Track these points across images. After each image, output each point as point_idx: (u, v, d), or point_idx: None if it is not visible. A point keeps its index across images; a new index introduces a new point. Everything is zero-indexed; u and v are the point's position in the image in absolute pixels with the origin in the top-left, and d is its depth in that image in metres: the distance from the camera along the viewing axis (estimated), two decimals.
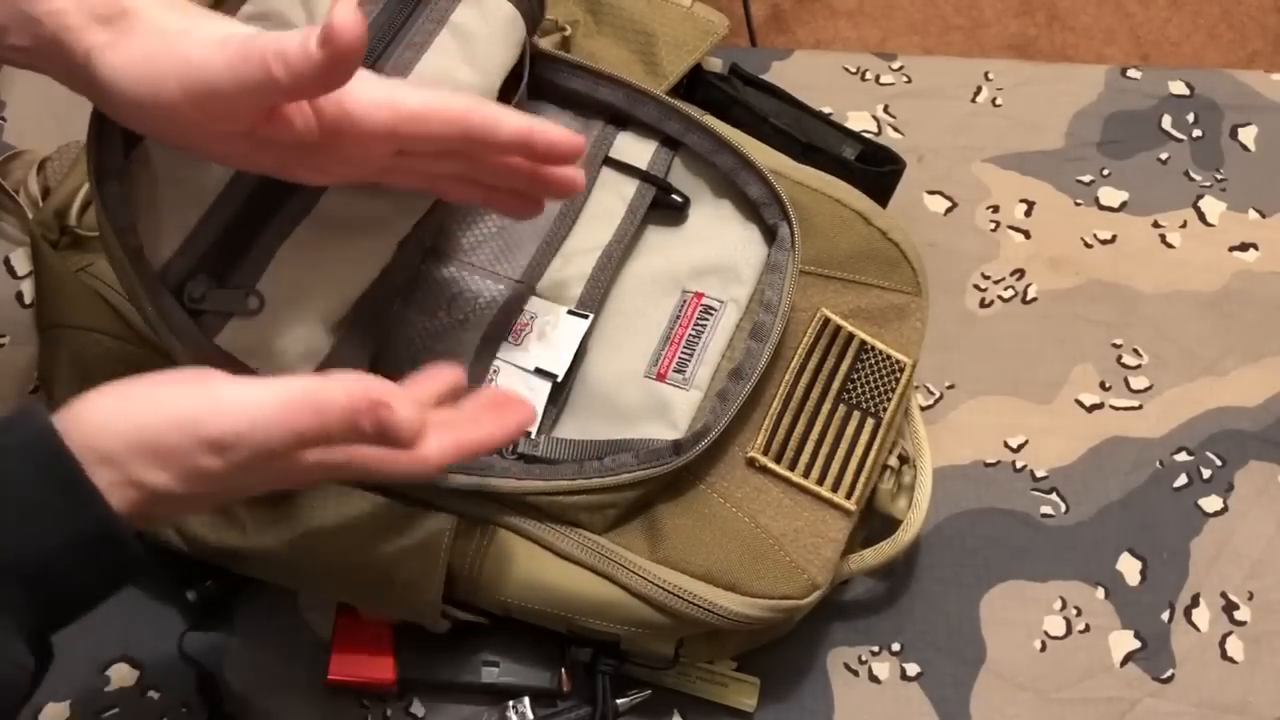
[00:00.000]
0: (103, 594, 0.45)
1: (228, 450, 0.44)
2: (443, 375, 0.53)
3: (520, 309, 0.64)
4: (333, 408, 0.44)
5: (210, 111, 0.46)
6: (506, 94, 0.62)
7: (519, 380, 0.62)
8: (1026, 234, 0.81)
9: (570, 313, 0.64)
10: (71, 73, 0.47)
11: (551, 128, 0.52)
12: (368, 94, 0.49)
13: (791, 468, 0.62)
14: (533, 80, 0.67)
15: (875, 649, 0.70)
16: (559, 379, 0.62)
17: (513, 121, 0.52)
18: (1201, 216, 0.83)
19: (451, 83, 0.58)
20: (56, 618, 0.45)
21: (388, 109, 0.49)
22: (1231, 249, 0.82)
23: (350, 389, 0.45)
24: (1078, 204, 0.83)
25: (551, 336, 0.63)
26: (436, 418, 0.49)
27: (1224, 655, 0.71)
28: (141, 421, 0.44)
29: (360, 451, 0.47)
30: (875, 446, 0.64)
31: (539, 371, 0.62)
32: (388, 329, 0.62)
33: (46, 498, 0.42)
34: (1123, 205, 0.83)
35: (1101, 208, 0.83)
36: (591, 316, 0.64)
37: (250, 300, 0.55)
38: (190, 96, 0.45)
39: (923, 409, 0.75)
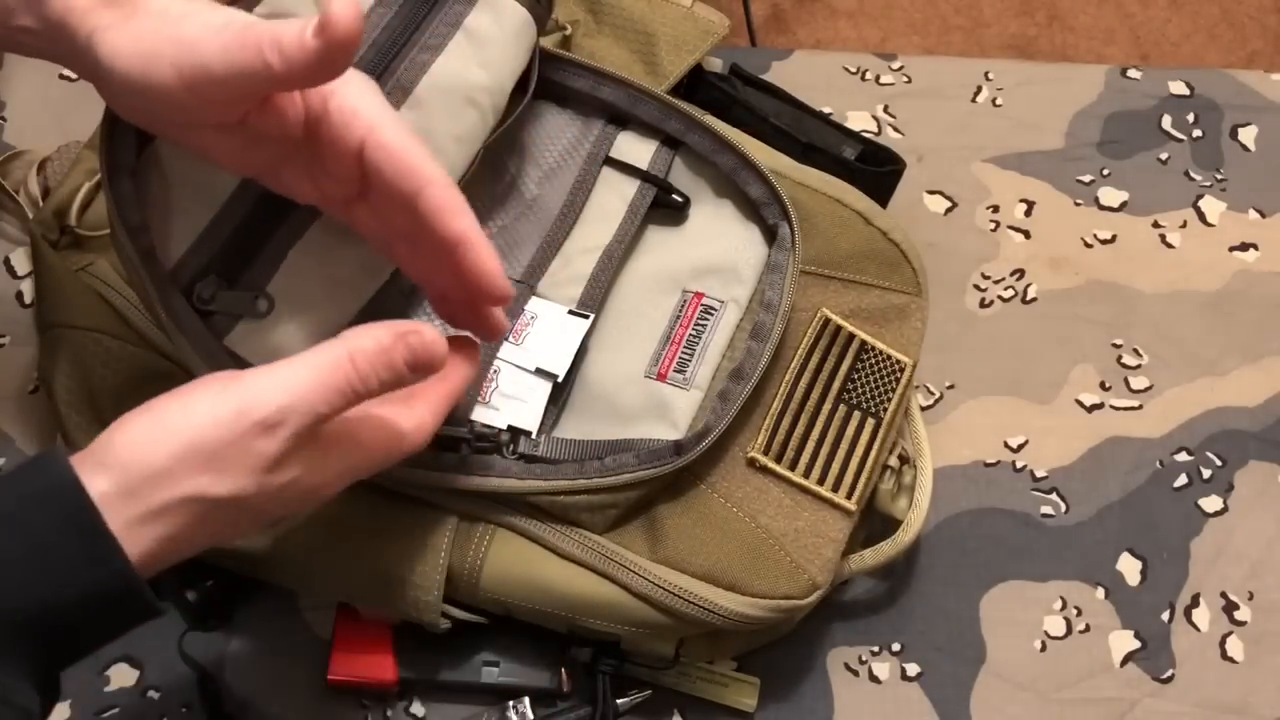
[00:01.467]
0: (112, 638, 0.45)
1: (278, 428, 0.44)
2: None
3: (521, 309, 0.64)
4: (363, 354, 0.45)
5: (203, 96, 0.46)
6: (512, 100, 0.62)
7: (519, 380, 0.62)
8: (1026, 234, 0.81)
9: (571, 313, 0.64)
10: (75, 54, 0.47)
11: (489, 259, 0.50)
12: (355, 104, 0.49)
13: (792, 468, 0.62)
14: (536, 79, 0.67)
15: (875, 649, 0.70)
16: (559, 379, 0.62)
17: (457, 223, 0.49)
18: (1201, 216, 0.83)
19: (464, 84, 0.59)
20: (65, 660, 0.45)
21: (365, 128, 0.49)
22: (1231, 249, 0.82)
23: (372, 331, 0.46)
24: (1078, 204, 0.83)
25: (552, 336, 0.63)
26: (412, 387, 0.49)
27: (1224, 655, 0.71)
28: (184, 430, 0.43)
29: (372, 435, 0.49)
30: (875, 446, 0.64)
31: (539, 371, 0.62)
32: None
33: (66, 550, 0.42)
34: (1123, 205, 0.83)
35: (1101, 208, 0.83)
36: (592, 316, 0.64)
37: (260, 302, 0.55)
38: (184, 79, 0.45)
39: (923, 409, 0.76)
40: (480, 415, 0.61)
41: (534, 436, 0.61)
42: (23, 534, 0.41)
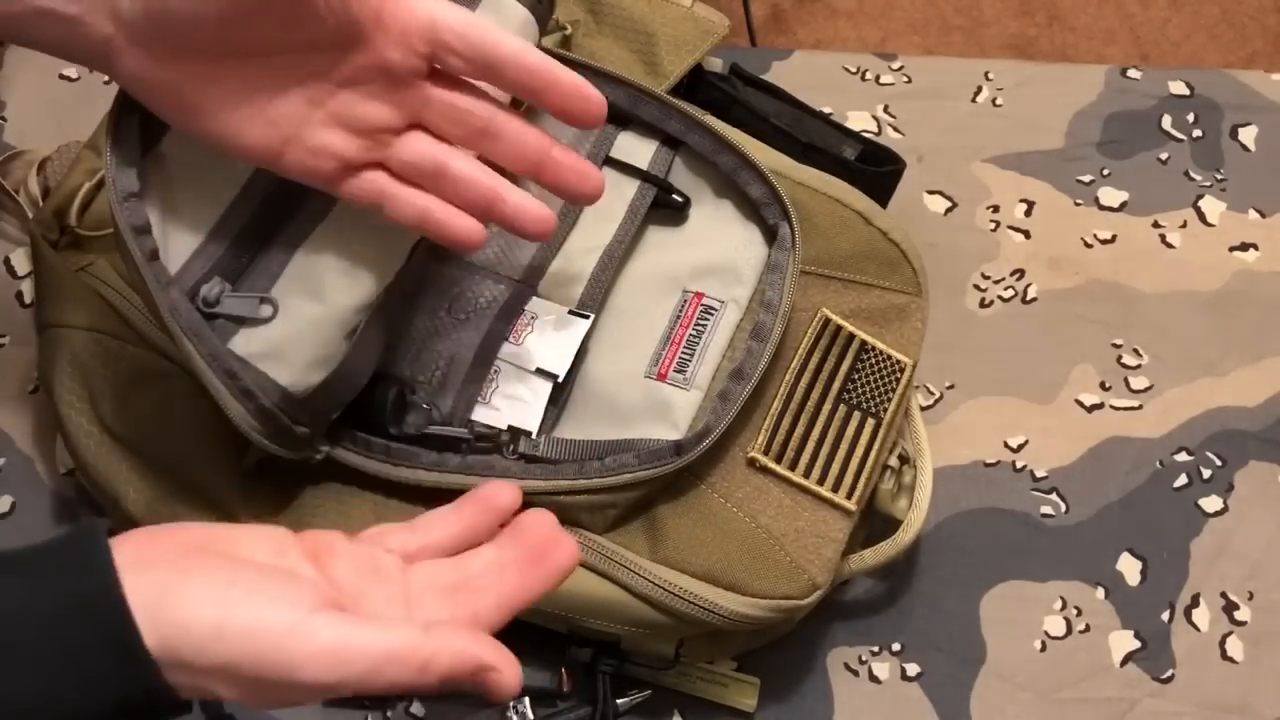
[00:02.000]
0: None
1: (315, 692, 0.42)
2: (498, 498, 0.50)
3: (521, 309, 0.64)
4: (436, 669, 0.43)
5: None
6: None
7: (519, 380, 0.62)
8: (1026, 234, 0.81)
9: (571, 313, 0.64)
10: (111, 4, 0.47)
11: (574, 76, 0.52)
12: None
13: (792, 468, 0.62)
14: None
15: (875, 649, 0.70)
16: (559, 379, 0.62)
17: (536, 57, 0.51)
18: (1201, 216, 0.83)
19: None
20: None
21: (429, 8, 0.50)
22: (1231, 249, 0.82)
23: (458, 654, 0.43)
24: (1078, 204, 0.83)
25: (552, 336, 0.63)
26: (481, 579, 0.47)
27: (1224, 655, 0.71)
28: (235, 651, 0.40)
29: None
30: (875, 446, 0.64)
31: (539, 372, 0.62)
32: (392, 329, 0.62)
33: (103, 663, 0.39)
34: (1123, 205, 0.83)
35: (1101, 208, 0.83)
36: (592, 316, 0.64)
37: (264, 307, 0.55)
38: None
39: (923, 409, 0.76)
40: (480, 415, 0.61)
41: (534, 437, 0.61)
42: (61, 640, 0.39)
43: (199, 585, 0.41)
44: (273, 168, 0.53)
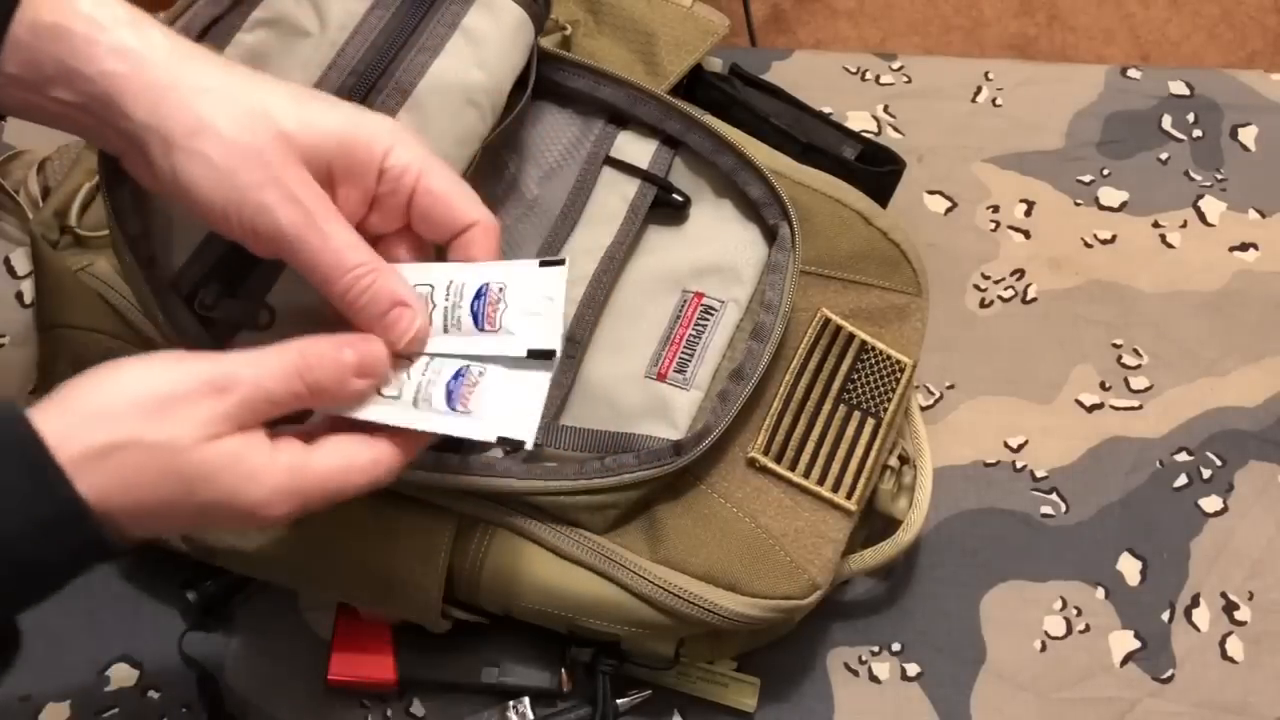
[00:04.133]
0: (67, 577, 0.44)
1: (225, 392, 0.45)
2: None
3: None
4: (314, 347, 0.48)
5: None
6: (512, 97, 0.62)
7: (508, 375, 0.51)
8: (1026, 234, 0.81)
9: (543, 264, 0.52)
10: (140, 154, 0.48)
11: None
12: (405, 162, 0.50)
13: (792, 468, 0.62)
14: (535, 79, 0.67)
15: (875, 649, 0.70)
16: (556, 354, 0.50)
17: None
18: (1201, 216, 0.83)
19: (463, 85, 0.58)
20: (16, 604, 0.44)
21: (413, 181, 0.51)
22: (1231, 249, 0.82)
23: (328, 335, 0.49)
24: (1078, 204, 0.83)
25: (531, 304, 0.52)
26: None
27: (1224, 655, 0.71)
28: (138, 381, 0.46)
29: (326, 460, 0.48)
30: (875, 446, 0.64)
31: (533, 354, 0.50)
32: None
33: (11, 479, 0.42)
34: (1123, 205, 0.83)
35: (1101, 208, 0.83)
36: (567, 261, 0.53)
37: (261, 314, 0.55)
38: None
39: (923, 409, 0.76)
40: None
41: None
42: None
43: (93, 370, 0.47)
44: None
